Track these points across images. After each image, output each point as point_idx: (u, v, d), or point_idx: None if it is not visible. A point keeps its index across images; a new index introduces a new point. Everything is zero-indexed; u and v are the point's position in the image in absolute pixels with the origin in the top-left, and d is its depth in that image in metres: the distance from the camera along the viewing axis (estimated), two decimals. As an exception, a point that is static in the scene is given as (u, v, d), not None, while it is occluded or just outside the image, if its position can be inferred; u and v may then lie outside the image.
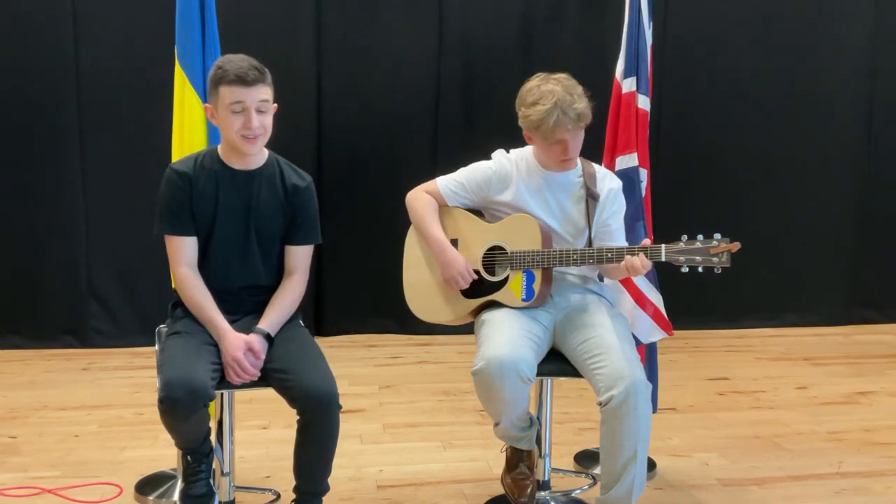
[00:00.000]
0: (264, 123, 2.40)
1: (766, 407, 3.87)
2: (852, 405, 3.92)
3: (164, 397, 2.18)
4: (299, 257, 2.54)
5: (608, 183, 2.65)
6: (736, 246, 2.31)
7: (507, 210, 2.62)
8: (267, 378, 2.39)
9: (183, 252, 2.44)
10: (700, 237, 2.35)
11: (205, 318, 2.41)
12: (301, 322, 2.61)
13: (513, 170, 2.63)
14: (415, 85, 4.84)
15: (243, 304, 2.50)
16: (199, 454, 2.41)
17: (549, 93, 2.45)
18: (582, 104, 2.46)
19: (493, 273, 2.60)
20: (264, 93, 2.38)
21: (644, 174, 3.08)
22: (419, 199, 2.69)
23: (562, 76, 2.52)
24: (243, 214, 2.46)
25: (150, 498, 2.82)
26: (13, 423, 3.50)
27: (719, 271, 2.36)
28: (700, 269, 2.37)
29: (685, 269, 2.37)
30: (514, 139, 2.73)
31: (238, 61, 2.37)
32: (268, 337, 2.41)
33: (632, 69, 3.08)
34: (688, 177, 5.15)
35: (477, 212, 2.69)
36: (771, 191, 5.25)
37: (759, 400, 3.96)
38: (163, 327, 2.59)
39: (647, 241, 2.42)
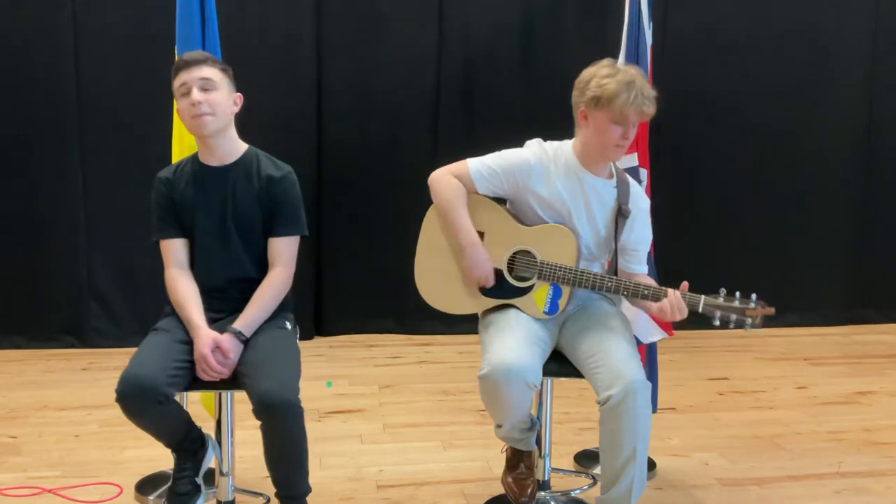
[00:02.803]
0: (210, 100, 2.38)
1: (766, 407, 3.87)
2: (852, 405, 3.92)
3: (117, 391, 2.23)
4: (279, 249, 2.50)
5: (639, 202, 2.58)
6: (771, 311, 2.31)
7: (537, 206, 2.53)
8: (234, 379, 2.36)
9: (171, 254, 2.48)
10: (738, 294, 2.34)
11: (184, 316, 2.42)
12: (288, 323, 2.54)
13: (551, 163, 2.52)
14: (415, 83, 4.83)
15: (231, 301, 2.49)
16: (183, 452, 2.42)
17: (624, 71, 2.40)
18: (654, 93, 2.42)
19: (514, 274, 2.54)
20: (206, 71, 2.39)
21: (644, 174, 3.09)
22: (448, 183, 2.54)
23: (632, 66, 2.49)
24: (219, 208, 2.47)
25: (150, 498, 2.83)
26: (13, 423, 3.50)
27: (747, 332, 2.33)
28: (731, 326, 2.35)
29: (716, 323, 2.35)
30: (514, 138, 2.72)
31: (188, 53, 2.44)
32: (240, 335, 2.37)
33: (632, 69, 3.07)
34: (688, 177, 5.15)
35: (502, 201, 2.60)
36: (771, 190, 5.25)
37: (759, 400, 3.96)
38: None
39: (685, 285, 2.37)
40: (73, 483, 2.92)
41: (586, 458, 3.19)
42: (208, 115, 2.38)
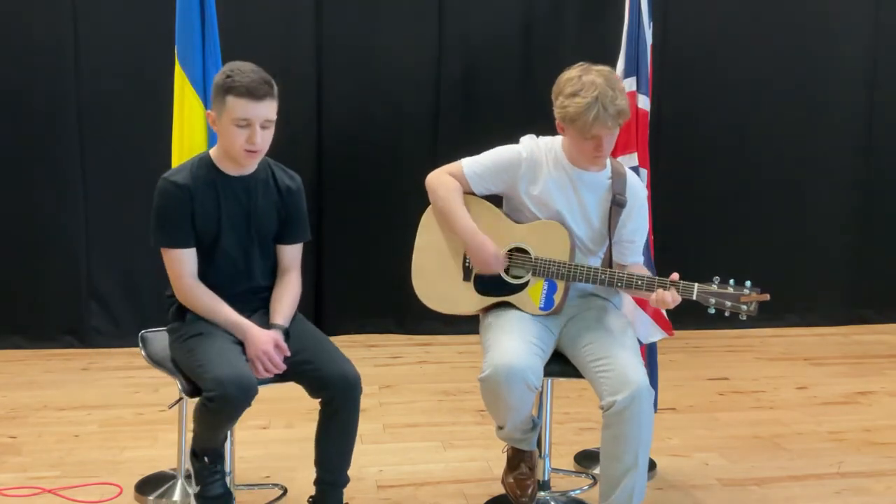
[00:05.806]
0: (266, 139, 2.37)
1: (766, 407, 3.87)
2: (852, 405, 3.91)
3: (216, 396, 2.17)
4: (294, 255, 2.57)
5: (637, 191, 2.59)
6: (766, 297, 2.29)
7: (530, 203, 2.55)
8: (288, 371, 2.39)
9: (185, 264, 2.40)
10: (732, 282, 2.33)
11: (222, 320, 2.38)
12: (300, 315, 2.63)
13: (543, 160, 2.54)
14: (415, 85, 4.83)
15: (246, 305, 2.49)
16: (215, 455, 2.39)
17: (590, 84, 2.35)
18: (623, 101, 2.37)
19: (510, 271, 2.56)
20: (271, 109, 2.34)
21: (644, 174, 3.09)
22: (444, 182, 2.58)
23: (604, 68, 2.43)
24: (244, 221, 2.46)
25: (150, 498, 2.82)
26: (13, 423, 3.50)
27: (744, 318, 2.33)
28: (727, 314, 2.34)
29: (712, 311, 2.35)
30: (514, 139, 2.73)
31: (248, 72, 2.31)
32: (285, 332, 2.44)
33: (632, 69, 3.08)
34: (688, 177, 5.15)
35: (498, 199, 2.63)
36: (771, 190, 5.24)
37: (759, 400, 3.96)
38: (158, 330, 2.61)
39: (675, 276, 2.36)
40: (73, 483, 2.92)
41: (586, 459, 3.18)
42: (262, 151, 2.38)
